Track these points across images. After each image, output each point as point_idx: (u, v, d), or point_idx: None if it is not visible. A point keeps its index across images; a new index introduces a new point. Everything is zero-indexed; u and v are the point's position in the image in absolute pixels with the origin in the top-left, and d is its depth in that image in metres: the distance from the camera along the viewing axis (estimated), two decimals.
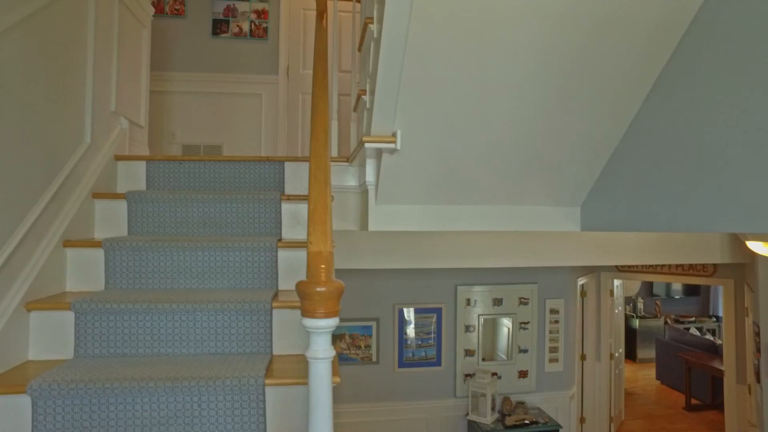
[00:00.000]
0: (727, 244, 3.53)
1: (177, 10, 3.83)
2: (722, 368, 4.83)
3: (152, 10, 2.71)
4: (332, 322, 0.96)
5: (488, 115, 1.70)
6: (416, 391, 4.26)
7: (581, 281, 4.89)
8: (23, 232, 1.51)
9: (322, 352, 0.96)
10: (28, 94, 1.57)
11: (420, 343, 4.27)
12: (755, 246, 2.81)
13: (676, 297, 9.27)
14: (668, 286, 9.20)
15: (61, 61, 1.79)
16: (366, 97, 1.84)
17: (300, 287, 0.97)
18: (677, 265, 4.66)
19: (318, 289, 0.94)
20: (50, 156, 1.71)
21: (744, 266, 4.19)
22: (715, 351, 6.35)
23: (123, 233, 1.99)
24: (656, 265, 4.74)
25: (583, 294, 5.03)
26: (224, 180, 2.23)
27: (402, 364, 4.23)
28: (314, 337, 0.97)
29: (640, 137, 1.76)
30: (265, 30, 3.90)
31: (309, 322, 0.95)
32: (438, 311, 4.30)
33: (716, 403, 6.05)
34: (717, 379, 5.95)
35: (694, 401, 6.37)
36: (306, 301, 0.95)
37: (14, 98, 1.49)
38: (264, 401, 1.37)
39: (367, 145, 1.66)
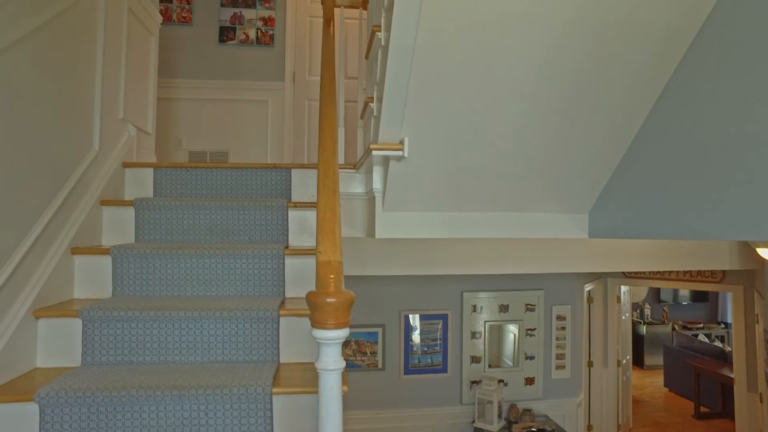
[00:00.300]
0: (737, 250, 3.49)
1: (184, 17, 3.86)
2: (732, 376, 4.76)
3: (160, 18, 2.73)
4: (342, 334, 0.95)
5: (496, 122, 1.69)
6: (422, 397, 4.23)
7: (588, 287, 4.85)
8: (32, 240, 1.52)
9: (332, 363, 0.95)
10: (38, 103, 1.58)
11: (426, 349, 4.24)
12: (766, 253, 2.78)
13: (684, 303, 9.18)
14: (675, 292, 9.12)
15: (71, 70, 1.81)
16: (373, 105, 1.84)
17: (310, 298, 0.96)
18: (685, 271, 4.61)
19: (328, 300, 0.93)
20: (59, 163, 1.72)
21: (754, 273, 4.14)
22: (725, 358, 6.27)
23: (130, 240, 2.00)
24: (663, 271, 4.70)
25: (590, 300, 4.99)
26: (231, 187, 2.24)
27: (408, 370, 4.21)
28: (324, 348, 0.96)
29: (648, 143, 1.74)
30: (272, 37, 3.92)
31: (319, 333, 0.95)
32: (444, 318, 4.27)
33: (726, 411, 5.97)
34: (727, 387, 5.87)
35: (703, 409, 6.28)
36: (316, 312, 0.94)
37: (25, 107, 1.50)
38: (271, 410, 1.36)
39: (374, 152, 1.66)
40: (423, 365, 4.23)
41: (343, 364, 0.96)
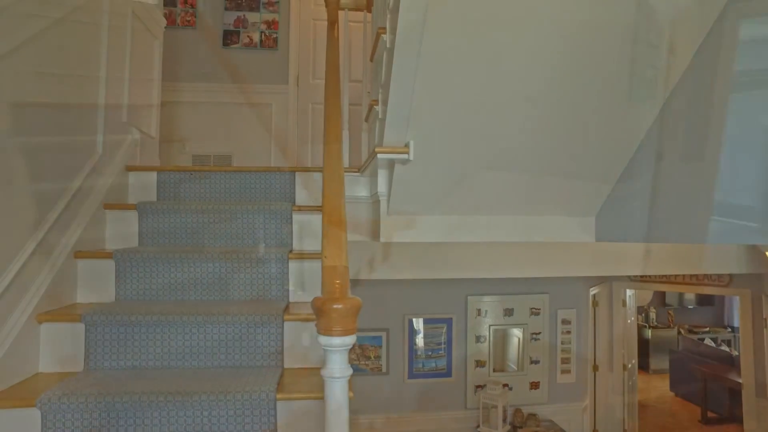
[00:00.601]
0: (744, 254, 3.46)
1: (188, 21, 3.86)
2: (740, 380, 4.71)
3: (164, 21, 2.73)
4: (349, 341, 0.93)
5: (502, 126, 1.68)
6: (426, 402, 4.20)
7: (593, 291, 4.81)
8: (35, 243, 1.51)
9: (338, 371, 0.93)
10: (41, 106, 1.57)
11: (430, 353, 4.21)
12: None
13: (690, 307, 9.10)
14: (681, 295, 9.04)
15: (75, 73, 1.80)
16: (378, 108, 1.83)
17: (316, 304, 0.94)
18: (691, 275, 4.57)
19: (335, 306, 0.91)
20: (63, 167, 1.71)
21: (762, 276, 4.10)
22: (731, 362, 6.20)
23: (134, 244, 1.99)
24: (669, 275, 4.66)
25: (595, 304, 4.95)
26: (234, 190, 2.23)
27: (412, 374, 4.18)
28: (330, 355, 0.94)
29: (655, 147, 1.73)
30: (275, 40, 3.92)
31: (325, 340, 0.93)
32: (448, 321, 4.25)
33: (734, 416, 5.89)
34: (734, 392, 5.80)
35: (710, 414, 6.22)
36: (322, 319, 0.93)
37: (28, 110, 1.50)
38: (275, 416, 1.34)
39: (379, 156, 1.65)
40: (427, 369, 4.21)
41: (350, 371, 0.94)
